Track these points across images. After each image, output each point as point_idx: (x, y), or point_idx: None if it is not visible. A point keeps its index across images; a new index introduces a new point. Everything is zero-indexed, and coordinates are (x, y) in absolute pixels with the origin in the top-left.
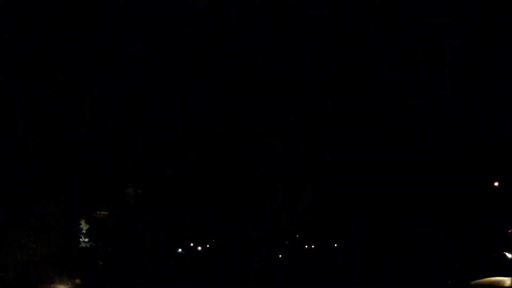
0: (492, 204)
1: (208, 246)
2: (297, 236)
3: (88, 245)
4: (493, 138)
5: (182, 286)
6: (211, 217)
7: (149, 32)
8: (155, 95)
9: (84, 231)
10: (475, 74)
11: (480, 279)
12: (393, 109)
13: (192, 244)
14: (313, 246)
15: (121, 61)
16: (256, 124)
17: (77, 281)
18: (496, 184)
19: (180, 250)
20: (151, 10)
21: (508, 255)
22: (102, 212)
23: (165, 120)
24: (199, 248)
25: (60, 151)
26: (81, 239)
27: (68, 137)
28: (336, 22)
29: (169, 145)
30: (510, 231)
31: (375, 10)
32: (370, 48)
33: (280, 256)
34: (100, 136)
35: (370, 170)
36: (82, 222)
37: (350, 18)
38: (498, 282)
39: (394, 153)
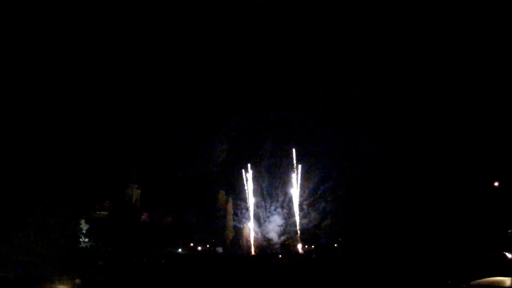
0: (492, 204)
1: (208, 246)
2: (297, 235)
3: (88, 245)
4: (493, 138)
5: (182, 286)
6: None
7: None
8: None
9: (84, 231)
10: (475, 74)
11: (480, 279)
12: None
13: (192, 244)
14: (313, 246)
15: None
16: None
17: (77, 281)
18: (496, 184)
19: (180, 250)
20: None
21: (508, 255)
22: (102, 212)
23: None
24: (199, 248)
25: (60, 151)
26: (81, 239)
27: (68, 138)
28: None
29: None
30: (510, 231)
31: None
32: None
33: (280, 256)
34: (101, 137)
35: (369, 169)
36: (82, 222)
37: None
38: (498, 282)
39: (393, 153)
